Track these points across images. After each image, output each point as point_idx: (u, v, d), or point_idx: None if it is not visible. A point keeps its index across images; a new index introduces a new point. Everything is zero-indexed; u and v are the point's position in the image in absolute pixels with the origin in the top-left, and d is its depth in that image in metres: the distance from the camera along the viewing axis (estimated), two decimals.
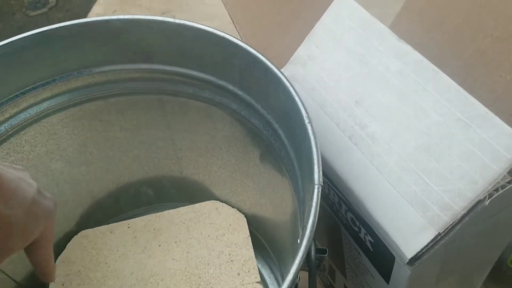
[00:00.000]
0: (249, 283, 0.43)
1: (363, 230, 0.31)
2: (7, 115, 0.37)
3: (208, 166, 0.46)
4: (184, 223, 0.47)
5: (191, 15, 0.33)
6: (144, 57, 0.38)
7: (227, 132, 0.40)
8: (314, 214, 0.24)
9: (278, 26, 0.39)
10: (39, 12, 1.90)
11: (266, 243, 0.48)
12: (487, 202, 0.23)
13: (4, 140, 0.38)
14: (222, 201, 0.49)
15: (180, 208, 0.48)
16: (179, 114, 0.42)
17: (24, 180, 0.28)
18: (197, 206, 0.49)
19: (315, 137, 0.27)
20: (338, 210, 0.34)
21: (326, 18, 0.34)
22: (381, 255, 0.30)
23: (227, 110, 0.38)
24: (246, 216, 0.47)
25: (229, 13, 0.38)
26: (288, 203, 0.37)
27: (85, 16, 1.83)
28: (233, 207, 0.48)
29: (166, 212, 0.48)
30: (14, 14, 1.91)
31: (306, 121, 0.28)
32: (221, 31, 0.34)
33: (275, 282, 0.48)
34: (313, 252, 0.30)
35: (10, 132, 0.38)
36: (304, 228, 0.25)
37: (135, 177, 0.48)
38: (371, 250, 0.32)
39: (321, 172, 0.25)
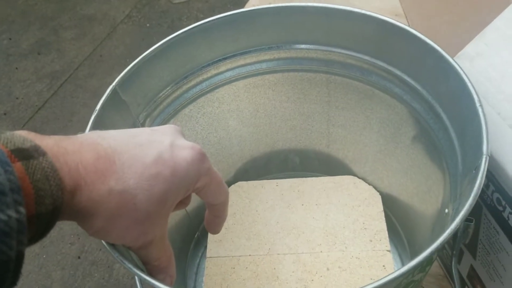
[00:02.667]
0: (380, 250, 0.48)
1: (508, 210, 0.35)
2: (209, 75, 0.47)
3: (355, 144, 0.52)
4: (324, 190, 0.54)
5: None
6: (323, 40, 0.45)
7: (383, 114, 0.46)
8: (480, 179, 0.29)
9: (446, 26, 0.43)
10: (181, 1, 2.11)
11: (398, 223, 0.53)
12: None
13: (202, 95, 0.47)
14: (359, 178, 0.54)
15: (322, 177, 0.55)
16: (341, 93, 0.48)
17: (151, 142, 0.28)
18: (336, 178, 0.55)
19: (485, 118, 0.32)
20: (484, 192, 0.38)
21: (499, 21, 0.39)
22: None
23: (389, 93, 0.44)
24: (381, 195, 0.53)
25: (404, 11, 0.44)
26: (435, 181, 0.42)
27: (223, 7, 1.98)
28: (369, 185, 0.54)
29: (309, 179, 0.55)
30: (159, 0, 2.13)
31: (477, 104, 0.33)
32: (400, 22, 0.39)
33: (399, 263, 0.52)
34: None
35: (208, 89, 0.47)
36: (468, 191, 0.30)
37: (287, 144, 0.56)
38: None
39: (489, 145, 0.30)
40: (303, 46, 0.46)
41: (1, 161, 0.20)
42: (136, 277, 0.43)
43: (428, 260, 0.31)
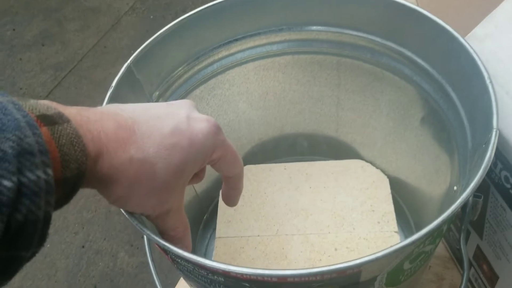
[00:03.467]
0: (387, 231, 0.49)
1: None
2: (220, 56, 0.47)
3: (364, 127, 0.53)
4: (332, 173, 0.55)
5: None
6: (334, 21, 0.45)
7: (393, 96, 0.47)
8: (490, 151, 0.30)
9: (455, 7, 0.44)
10: None
11: (405, 206, 0.53)
12: None
13: (213, 76, 0.48)
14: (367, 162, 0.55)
15: (330, 161, 0.56)
16: (351, 76, 0.49)
17: (168, 114, 0.28)
18: (344, 162, 0.56)
19: (495, 93, 0.32)
20: (491, 170, 0.39)
21: (507, 3, 0.39)
22: None
23: (398, 75, 0.45)
24: (389, 178, 0.53)
25: None
26: (443, 162, 0.42)
27: None
28: (376, 168, 0.54)
29: (317, 162, 0.56)
30: None
31: (488, 81, 0.33)
32: (410, 3, 0.40)
33: None
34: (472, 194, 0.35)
35: (219, 71, 0.48)
36: (478, 165, 0.30)
37: (296, 128, 0.56)
38: None
39: (498, 119, 0.31)
40: (313, 28, 0.46)
41: (30, 124, 0.21)
42: (148, 255, 0.43)
43: (439, 231, 0.31)
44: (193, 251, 0.53)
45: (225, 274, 0.28)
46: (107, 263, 1.26)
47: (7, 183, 0.19)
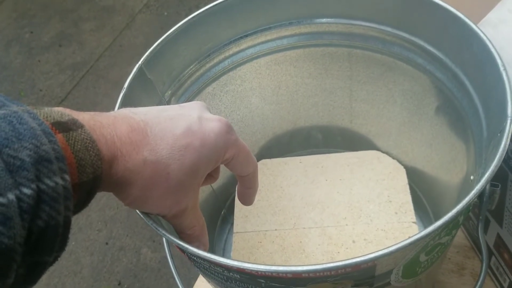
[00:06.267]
0: (405, 222, 0.49)
1: None
2: (231, 52, 0.47)
3: (378, 118, 0.52)
4: (348, 165, 0.55)
5: None
6: (344, 13, 0.45)
7: (406, 86, 0.46)
8: (505, 140, 0.29)
9: None
10: None
11: (423, 196, 0.53)
12: None
13: (225, 73, 0.48)
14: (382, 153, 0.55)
15: (345, 152, 0.56)
16: (363, 67, 0.48)
17: (180, 115, 0.29)
18: (360, 153, 0.55)
19: (509, 81, 0.32)
20: (510, 158, 0.38)
21: None
22: None
23: (411, 64, 0.44)
24: (405, 168, 0.53)
25: None
26: (459, 151, 0.42)
27: None
28: (393, 159, 0.54)
29: (332, 154, 0.56)
30: None
31: (501, 68, 0.32)
32: None
33: None
34: (487, 184, 0.34)
35: (230, 67, 0.48)
36: (493, 154, 0.30)
37: (310, 121, 0.56)
38: None
39: None
40: (323, 20, 0.46)
41: (45, 132, 0.21)
42: (167, 251, 0.44)
43: (454, 222, 0.31)
44: (212, 247, 0.54)
45: (240, 271, 0.28)
46: (130, 259, 1.28)
47: (26, 190, 0.19)
